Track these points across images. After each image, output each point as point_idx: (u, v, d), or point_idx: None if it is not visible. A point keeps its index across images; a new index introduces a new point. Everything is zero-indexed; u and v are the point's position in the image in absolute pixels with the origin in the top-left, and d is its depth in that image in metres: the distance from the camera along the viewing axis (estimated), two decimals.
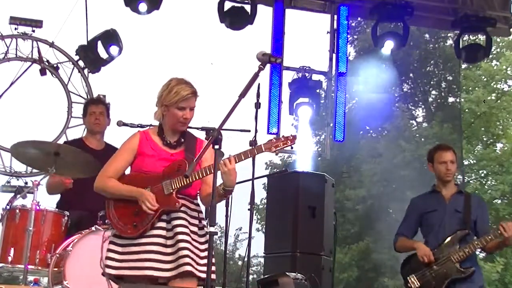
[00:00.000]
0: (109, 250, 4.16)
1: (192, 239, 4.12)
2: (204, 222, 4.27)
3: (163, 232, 4.11)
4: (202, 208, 4.39)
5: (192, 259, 4.04)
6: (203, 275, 4.02)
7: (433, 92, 26.47)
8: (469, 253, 5.48)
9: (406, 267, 5.72)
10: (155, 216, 4.08)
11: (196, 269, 4.05)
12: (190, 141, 4.33)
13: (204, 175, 4.11)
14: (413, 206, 5.94)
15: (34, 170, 7.97)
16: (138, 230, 4.09)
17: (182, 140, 4.31)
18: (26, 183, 8.37)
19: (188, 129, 4.42)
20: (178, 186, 4.11)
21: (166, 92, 4.19)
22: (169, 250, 4.06)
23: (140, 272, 4.03)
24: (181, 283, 4.00)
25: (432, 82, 26.17)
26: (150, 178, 4.18)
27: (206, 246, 4.13)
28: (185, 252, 4.01)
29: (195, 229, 4.19)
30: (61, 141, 8.56)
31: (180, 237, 4.06)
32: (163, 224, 4.12)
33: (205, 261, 4.06)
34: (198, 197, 4.35)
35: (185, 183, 4.09)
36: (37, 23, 8.88)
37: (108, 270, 4.12)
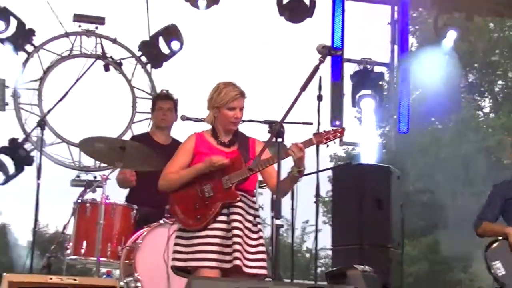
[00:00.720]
0: (176, 244, 4.39)
1: (245, 234, 4.28)
2: (259, 219, 4.45)
3: (223, 226, 4.28)
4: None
5: (242, 254, 4.19)
6: (250, 271, 4.21)
7: (499, 82, 25.86)
8: None
9: (490, 250, 5.50)
10: (216, 210, 4.27)
11: (245, 265, 4.20)
12: (243, 139, 4.53)
13: (264, 167, 4.28)
14: (496, 191, 5.81)
15: (102, 164, 8.13)
16: (201, 222, 4.28)
17: (235, 139, 4.50)
18: (95, 177, 8.47)
19: (251, 123, 4.57)
20: (236, 181, 4.28)
21: (216, 95, 4.41)
22: (229, 242, 4.23)
23: (203, 263, 4.20)
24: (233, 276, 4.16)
25: (498, 72, 25.57)
26: (209, 175, 4.35)
27: (258, 242, 4.36)
28: (237, 246, 4.18)
29: (249, 225, 4.36)
30: (127, 135, 8.74)
31: (235, 232, 4.24)
32: (223, 218, 4.30)
33: (254, 256, 4.28)
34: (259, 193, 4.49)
35: (243, 177, 4.27)
36: (100, 20, 9.05)
37: (175, 263, 4.33)
